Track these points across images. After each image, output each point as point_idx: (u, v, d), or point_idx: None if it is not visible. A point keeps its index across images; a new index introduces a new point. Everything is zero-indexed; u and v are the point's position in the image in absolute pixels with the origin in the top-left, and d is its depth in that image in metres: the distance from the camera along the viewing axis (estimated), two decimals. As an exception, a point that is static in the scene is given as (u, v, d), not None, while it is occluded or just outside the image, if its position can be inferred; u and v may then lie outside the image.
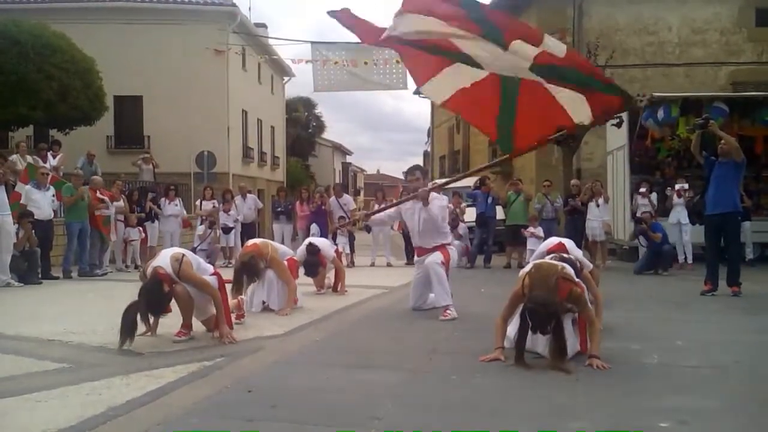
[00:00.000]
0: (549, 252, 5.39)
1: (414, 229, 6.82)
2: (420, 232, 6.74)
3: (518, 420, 3.31)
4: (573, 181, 13.64)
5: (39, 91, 14.68)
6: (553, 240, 5.75)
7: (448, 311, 6.41)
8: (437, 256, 6.62)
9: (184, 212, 14.13)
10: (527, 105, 4.99)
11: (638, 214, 12.24)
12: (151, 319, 5.17)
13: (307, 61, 19.28)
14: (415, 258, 7.25)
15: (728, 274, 8.12)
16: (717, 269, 8.22)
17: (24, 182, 10.57)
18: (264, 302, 6.86)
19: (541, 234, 12.18)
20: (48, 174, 10.41)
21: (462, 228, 13.13)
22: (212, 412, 3.44)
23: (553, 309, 4.18)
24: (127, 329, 4.73)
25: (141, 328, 4.93)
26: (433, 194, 6.58)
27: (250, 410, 3.44)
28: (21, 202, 10.04)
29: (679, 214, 12.17)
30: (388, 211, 7.53)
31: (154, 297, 4.91)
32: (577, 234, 11.96)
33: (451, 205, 13.50)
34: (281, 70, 29.24)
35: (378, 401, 3.57)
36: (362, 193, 56.38)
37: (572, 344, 4.52)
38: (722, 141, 8.08)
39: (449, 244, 6.89)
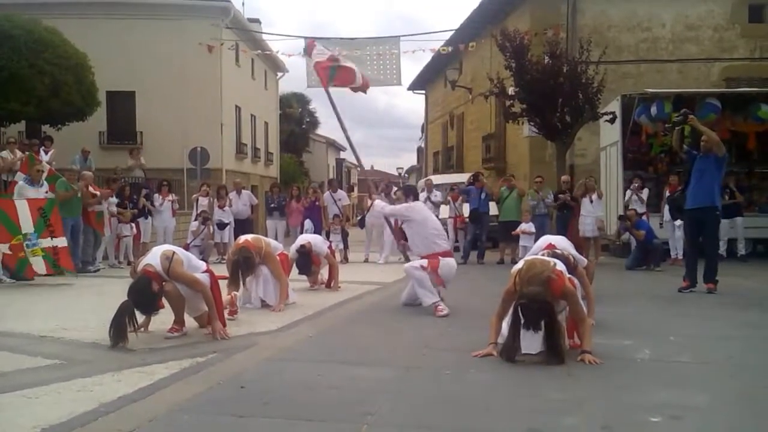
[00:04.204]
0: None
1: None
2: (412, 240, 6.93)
3: (511, 415, 3.32)
4: (563, 177, 13.68)
5: (31, 86, 14.60)
6: (542, 243, 5.71)
7: (440, 306, 6.43)
8: (416, 262, 6.73)
9: (176, 204, 14.14)
10: None
11: (623, 212, 12.29)
12: (142, 318, 5.15)
13: (302, 55, 19.20)
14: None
15: (705, 271, 8.02)
16: (696, 265, 8.16)
17: (24, 172, 10.49)
18: (261, 298, 6.85)
19: (533, 230, 12.23)
20: (43, 171, 10.34)
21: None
22: (205, 408, 3.43)
23: (545, 305, 4.19)
24: (118, 331, 4.71)
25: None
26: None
27: (243, 406, 3.43)
28: (14, 197, 9.96)
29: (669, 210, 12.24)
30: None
31: (143, 296, 4.88)
32: (566, 230, 12.00)
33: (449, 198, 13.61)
34: (275, 65, 29.15)
35: (371, 397, 3.58)
36: (356, 189, 56.35)
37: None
38: (703, 136, 8.04)
39: (444, 255, 6.79)
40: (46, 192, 10.29)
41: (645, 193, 12.80)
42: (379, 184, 14.47)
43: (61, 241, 9.42)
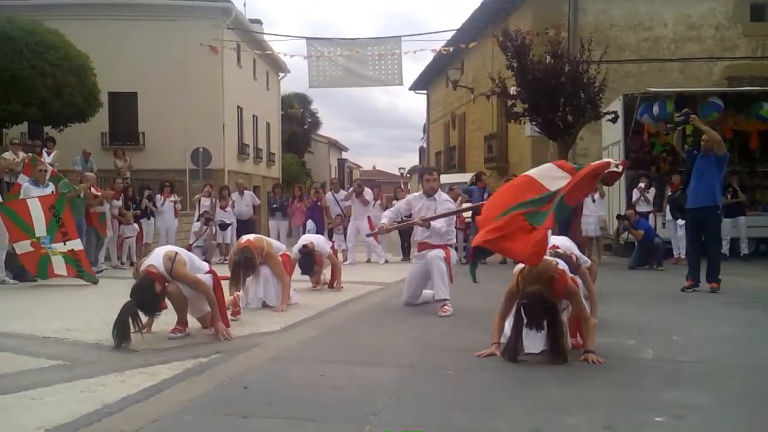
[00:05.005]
0: None
1: (419, 227, 6.86)
2: (424, 230, 6.80)
3: (514, 415, 3.32)
4: None
5: (33, 88, 14.60)
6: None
7: (446, 306, 6.43)
8: (440, 252, 6.66)
9: (179, 205, 14.16)
10: None
11: (624, 212, 12.28)
12: (145, 318, 5.16)
13: (304, 57, 19.25)
14: (415, 252, 7.28)
15: (707, 270, 8.03)
16: (698, 264, 8.16)
17: (27, 174, 10.52)
18: (261, 299, 6.85)
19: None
20: (47, 171, 10.36)
21: (368, 193, 13.44)
22: (208, 408, 3.44)
23: (548, 304, 4.19)
24: (122, 331, 4.72)
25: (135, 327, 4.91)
26: (443, 196, 6.87)
27: (246, 407, 3.43)
28: (20, 198, 9.97)
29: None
30: (395, 208, 7.44)
31: (146, 297, 4.89)
32: (567, 229, 11.98)
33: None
34: (276, 66, 29.16)
35: (374, 397, 3.58)
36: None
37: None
38: (704, 135, 8.04)
39: (451, 245, 6.93)
40: (52, 192, 10.31)
41: (652, 193, 12.79)
42: (336, 183, 14.55)
43: (76, 244, 9.37)
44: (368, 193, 13.63)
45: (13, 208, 9.26)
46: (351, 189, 13.78)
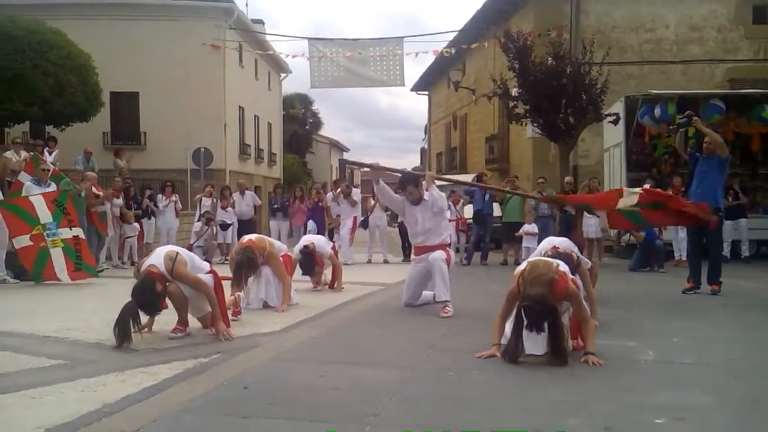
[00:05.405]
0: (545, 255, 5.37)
1: (415, 229, 6.84)
2: (420, 232, 6.79)
3: (514, 416, 3.32)
4: (567, 179, 13.67)
5: (35, 87, 14.63)
6: (547, 245, 5.68)
7: (447, 308, 6.43)
8: (442, 254, 6.67)
9: (179, 205, 14.16)
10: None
11: None
12: (146, 318, 5.15)
13: (306, 57, 19.26)
14: (413, 256, 7.28)
15: (708, 272, 8.05)
16: (699, 267, 8.17)
17: (29, 172, 10.52)
18: (262, 299, 6.85)
19: (536, 230, 12.23)
20: (48, 171, 10.37)
21: (356, 194, 13.53)
22: (208, 408, 3.43)
23: (549, 306, 4.19)
24: (123, 331, 4.72)
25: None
26: (435, 193, 6.77)
27: (246, 407, 3.43)
28: (22, 196, 9.98)
29: None
30: (395, 196, 7.37)
31: (147, 297, 4.89)
32: (569, 231, 11.99)
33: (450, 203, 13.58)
34: (278, 66, 29.20)
35: (375, 398, 3.57)
36: (359, 189, 56.19)
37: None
38: (706, 138, 8.05)
39: (449, 245, 6.95)
40: (54, 191, 10.31)
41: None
42: (340, 185, 14.56)
43: (80, 232, 9.49)
44: (356, 193, 13.66)
45: (16, 203, 9.31)
46: (339, 190, 13.76)
